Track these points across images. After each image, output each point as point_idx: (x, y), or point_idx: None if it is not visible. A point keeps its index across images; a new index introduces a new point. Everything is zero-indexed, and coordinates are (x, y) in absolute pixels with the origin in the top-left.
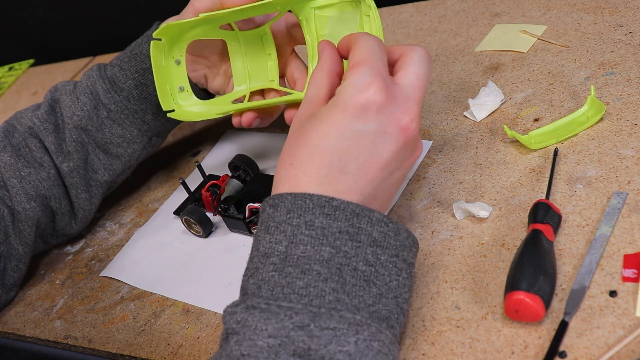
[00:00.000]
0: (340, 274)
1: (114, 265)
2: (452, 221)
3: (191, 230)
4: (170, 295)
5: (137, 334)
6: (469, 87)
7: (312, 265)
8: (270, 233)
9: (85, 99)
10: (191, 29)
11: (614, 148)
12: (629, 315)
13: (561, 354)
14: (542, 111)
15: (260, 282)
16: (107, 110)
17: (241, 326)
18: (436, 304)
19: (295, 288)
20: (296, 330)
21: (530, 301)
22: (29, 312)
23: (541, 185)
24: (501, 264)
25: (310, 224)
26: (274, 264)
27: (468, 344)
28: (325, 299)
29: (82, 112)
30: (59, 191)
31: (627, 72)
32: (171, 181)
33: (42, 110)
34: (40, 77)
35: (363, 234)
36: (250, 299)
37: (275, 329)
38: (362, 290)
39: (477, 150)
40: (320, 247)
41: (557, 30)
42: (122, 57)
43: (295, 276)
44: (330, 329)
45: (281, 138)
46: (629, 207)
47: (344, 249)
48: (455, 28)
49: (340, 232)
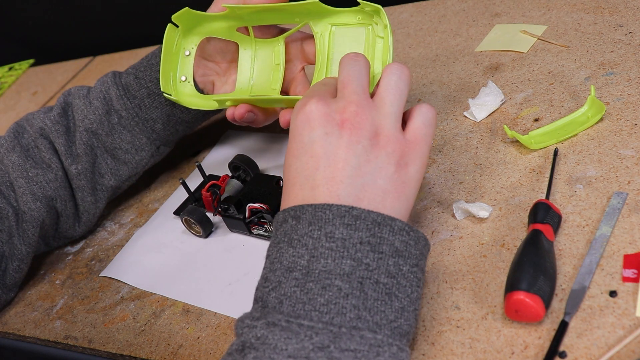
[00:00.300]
0: (362, 288)
1: (114, 266)
2: (452, 221)
3: (191, 230)
4: (170, 295)
5: (137, 334)
6: (469, 87)
7: (333, 280)
8: (293, 246)
9: (98, 104)
10: (210, 23)
11: (614, 148)
12: (629, 315)
13: (561, 354)
14: (542, 111)
15: (282, 297)
16: (119, 116)
17: (261, 343)
18: (436, 304)
19: (316, 305)
20: (316, 352)
21: (530, 301)
22: (29, 312)
23: (541, 185)
24: (501, 264)
25: (330, 236)
26: (297, 279)
27: (468, 344)
28: (346, 317)
29: (93, 116)
30: (65, 193)
31: (627, 72)
32: (171, 181)
33: (54, 113)
34: (40, 77)
35: (385, 244)
36: (271, 315)
37: (296, 349)
38: (383, 305)
39: (477, 151)
40: (341, 260)
41: (557, 30)
42: (138, 67)
43: (317, 292)
44: (351, 350)
45: (281, 138)
46: (629, 207)
47: (365, 261)
48: (455, 28)
49: (361, 242)
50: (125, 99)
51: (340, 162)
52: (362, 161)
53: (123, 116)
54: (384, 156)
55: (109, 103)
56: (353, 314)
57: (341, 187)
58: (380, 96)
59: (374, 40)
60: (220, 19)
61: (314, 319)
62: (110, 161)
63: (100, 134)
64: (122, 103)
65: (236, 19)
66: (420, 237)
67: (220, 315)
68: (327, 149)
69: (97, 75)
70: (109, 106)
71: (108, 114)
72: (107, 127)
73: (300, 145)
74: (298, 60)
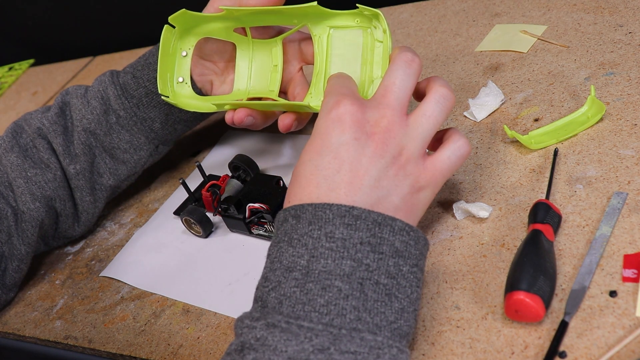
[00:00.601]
0: (362, 289)
1: (114, 265)
2: (452, 221)
3: (191, 230)
4: (170, 295)
5: (137, 334)
6: (469, 87)
7: (333, 280)
8: (293, 246)
9: (96, 103)
10: (207, 24)
11: (614, 148)
12: (629, 315)
13: (561, 354)
14: (542, 111)
15: (281, 298)
16: (117, 115)
17: (260, 344)
18: (436, 304)
19: (316, 306)
20: (316, 354)
21: (530, 301)
22: (29, 312)
23: (541, 185)
24: (501, 264)
25: (330, 236)
26: (296, 279)
27: (468, 344)
28: (346, 318)
29: (91, 115)
30: (64, 193)
31: (627, 72)
32: (171, 181)
33: (52, 113)
34: (40, 77)
35: (385, 244)
36: (271, 315)
37: (295, 351)
38: (383, 306)
39: (477, 150)
40: (341, 260)
41: (557, 30)
42: (135, 65)
43: (316, 293)
44: (351, 352)
45: (281, 138)
46: (629, 207)
47: (365, 262)
48: (455, 28)
49: (361, 243)
50: (123, 99)
51: (361, 170)
52: (382, 175)
53: (121, 116)
54: (401, 176)
55: (106, 103)
56: (353, 315)
57: (359, 194)
58: (417, 118)
59: (372, 44)
60: (218, 20)
61: (313, 320)
62: (108, 161)
63: (99, 133)
64: (120, 102)
65: (233, 20)
66: (420, 237)
67: (220, 315)
68: (352, 154)
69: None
70: (107, 106)
71: (106, 113)
72: (105, 126)
73: (327, 144)
74: (296, 61)
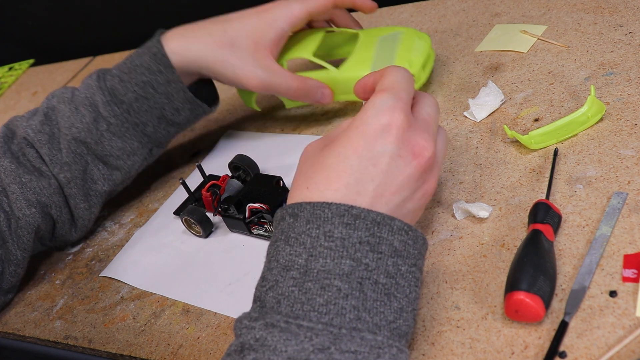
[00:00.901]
0: (361, 289)
1: (114, 265)
2: (452, 221)
3: (191, 230)
4: (170, 295)
5: (137, 334)
6: (469, 87)
7: (332, 280)
8: (290, 244)
9: (85, 111)
10: None
11: (614, 148)
12: (629, 315)
13: (561, 354)
14: (542, 111)
15: (279, 297)
16: (107, 123)
17: (260, 344)
18: (436, 304)
19: (315, 305)
20: (316, 353)
21: (530, 301)
22: (29, 312)
23: (541, 185)
24: (501, 264)
25: (329, 235)
26: (294, 278)
27: (468, 344)
28: (345, 318)
29: (81, 124)
30: (59, 199)
31: (627, 72)
32: (171, 181)
33: (37, 120)
34: (40, 77)
35: (384, 244)
36: (269, 315)
37: (295, 350)
38: (382, 305)
39: (477, 151)
40: (340, 260)
41: (557, 30)
42: (122, 68)
43: (315, 292)
44: (352, 352)
45: (281, 138)
46: (629, 207)
47: (365, 262)
48: (455, 28)
49: (360, 242)
50: (112, 105)
51: (394, 187)
52: (409, 197)
53: (112, 123)
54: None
55: (95, 110)
56: (353, 315)
57: (385, 208)
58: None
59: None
60: None
61: (313, 319)
62: (102, 167)
63: (89, 142)
64: (110, 109)
65: None
66: (419, 236)
67: (220, 315)
68: (392, 168)
69: None
70: (96, 113)
71: (96, 121)
72: (95, 135)
73: (370, 146)
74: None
